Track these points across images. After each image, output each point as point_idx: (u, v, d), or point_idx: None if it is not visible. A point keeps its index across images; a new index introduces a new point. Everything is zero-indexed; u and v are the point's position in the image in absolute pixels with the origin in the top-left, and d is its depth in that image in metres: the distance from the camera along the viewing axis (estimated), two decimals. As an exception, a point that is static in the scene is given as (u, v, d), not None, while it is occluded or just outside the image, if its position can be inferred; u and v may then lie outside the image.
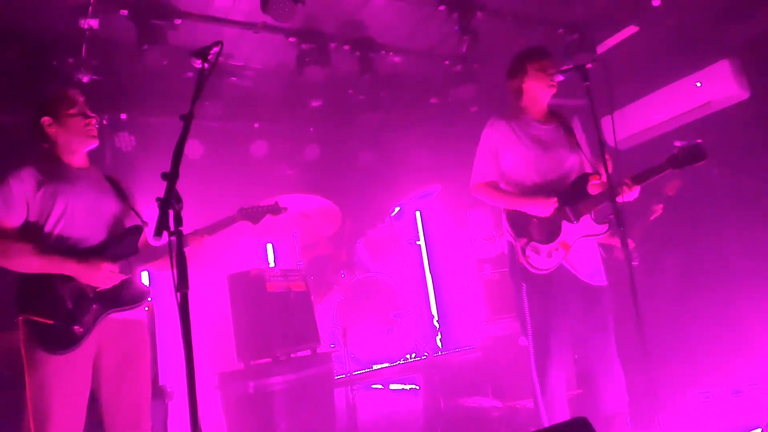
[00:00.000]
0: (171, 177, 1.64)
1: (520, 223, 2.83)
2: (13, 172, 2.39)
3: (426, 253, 6.73)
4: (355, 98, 5.34)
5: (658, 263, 4.74)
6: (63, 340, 2.28)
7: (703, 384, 3.76)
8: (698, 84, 4.76)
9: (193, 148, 5.15)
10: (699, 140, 2.69)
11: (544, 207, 2.76)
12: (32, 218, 2.38)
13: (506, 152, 2.90)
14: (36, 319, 2.28)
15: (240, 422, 3.49)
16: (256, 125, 5.55)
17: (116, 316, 2.44)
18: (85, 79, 4.11)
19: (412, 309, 4.95)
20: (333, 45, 4.41)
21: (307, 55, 4.29)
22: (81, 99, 2.59)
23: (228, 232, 2.76)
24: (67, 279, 2.34)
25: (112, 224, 2.53)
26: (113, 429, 2.41)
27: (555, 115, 3.04)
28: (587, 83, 2.62)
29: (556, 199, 2.76)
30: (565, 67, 2.78)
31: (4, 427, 3.01)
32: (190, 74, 4.40)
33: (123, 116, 4.79)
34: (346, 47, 4.50)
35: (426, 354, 4.79)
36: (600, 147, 2.57)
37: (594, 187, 2.81)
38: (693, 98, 4.76)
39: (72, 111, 2.54)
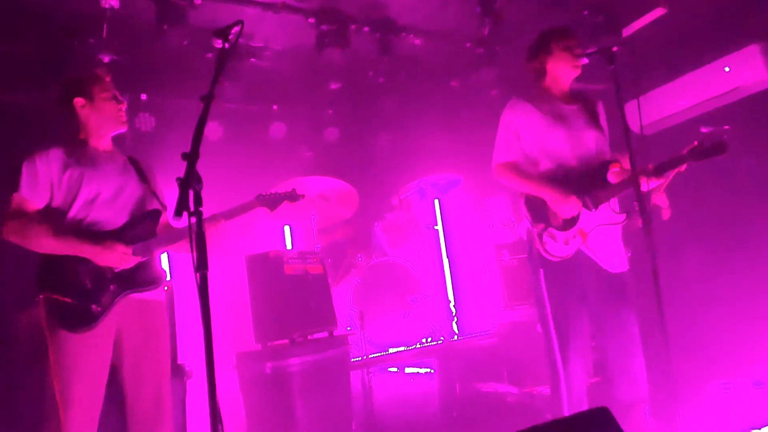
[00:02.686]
0: (191, 157, 1.64)
1: (537, 209, 2.79)
2: (40, 152, 2.42)
3: (444, 238, 6.70)
4: (374, 81, 5.30)
5: (681, 251, 4.66)
6: (81, 319, 2.32)
7: (724, 375, 3.71)
8: (727, 69, 4.63)
9: (212, 130, 5.16)
10: (727, 126, 2.62)
11: (565, 205, 2.70)
12: (57, 202, 2.42)
13: (528, 133, 2.84)
14: (55, 297, 2.32)
15: (257, 402, 3.53)
16: (275, 107, 5.54)
17: (135, 296, 2.47)
18: (106, 59, 4.12)
19: (429, 294, 4.94)
20: (353, 26, 4.37)
21: (326, 37, 4.26)
22: (109, 79, 2.61)
23: (245, 216, 2.76)
24: (86, 260, 2.37)
25: (134, 208, 2.56)
26: (135, 406, 2.46)
27: (578, 97, 2.97)
28: (613, 67, 2.55)
29: (576, 198, 2.71)
30: (590, 50, 2.71)
31: (28, 399, 3.08)
32: (210, 55, 4.39)
33: (143, 97, 4.81)
34: (366, 29, 4.45)
35: (442, 338, 4.79)
36: (625, 133, 2.51)
37: (614, 176, 2.75)
38: (721, 83, 4.64)
39: (105, 94, 2.55)
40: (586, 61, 2.74)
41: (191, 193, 1.61)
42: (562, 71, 2.87)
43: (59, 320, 2.31)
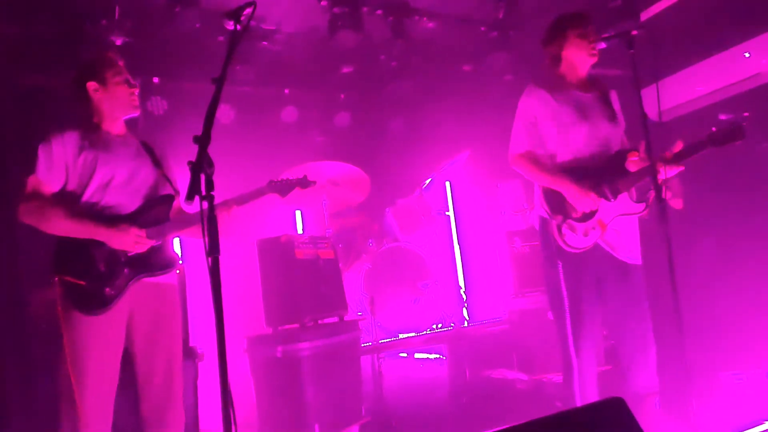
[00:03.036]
0: (203, 141, 1.63)
1: (556, 200, 2.75)
2: (56, 134, 2.43)
3: (455, 224, 6.67)
4: (386, 65, 5.26)
5: (694, 241, 4.61)
6: (95, 301, 2.34)
7: (736, 365, 3.68)
8: (747, 54, 4.53)
9: (224, 113, 5.14)
10: (746, 113, 2.56)
11: (583, 200, 2.66)
12: (71, 185, 2.43)
13: (545, 121, 2.80)
14: (69, 279, 2.34)
15: (267, 386, 3.55)
16: (287, 91, 5.51)
17: (148, 280, 2.49)
18: (118, 41, 4.11)
19: (439, 280, 4.93)
20: (365, 9, 4.32)
21: (339, 20, 4.22)
22: (121, 63, 2.60)
23: (257, 202, 2.76)
24: (101, 243, 2.38)
25: (147, 192, 2.57)
26: (146, 388, 2.48)
27: (594, 84, 2.92)
28: (632, 51, 2.49)
29: (595, 195, 2.67)
30: (608, 34, 2.65)
31: (43, 380, 3.12)
32: (222, 38, 4.37)
33: (155, 80, 4.80)
34: (379, 12, 4.40)
35: (452, 325, 4.79)
36: (642, 119, 2.46)
37: (632, 164, 2.71)
38: (741, 69, 4.54)
39: (117, 78, 2.55)
40: (604, 45, 2.68)
41: (203, 177, 1.61)
42: (579, 58, 2.82)
43: (73, 302, 2.33)
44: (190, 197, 1.59)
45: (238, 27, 1.86)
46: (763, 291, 4.21)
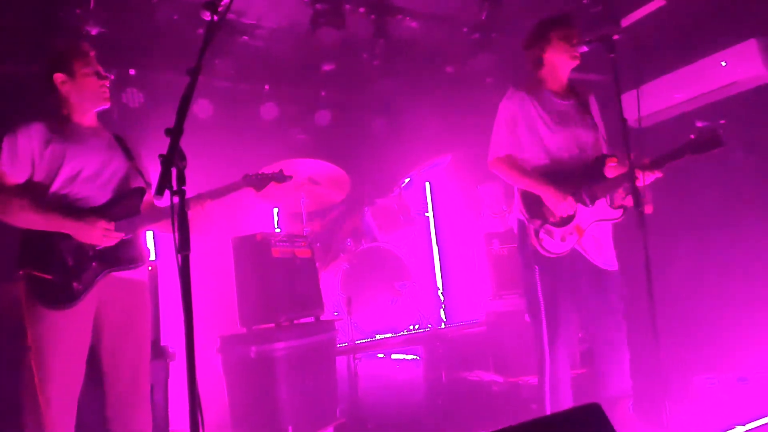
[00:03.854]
0: (175, 133, 1.57)
1: (534, 205, 2.75)
2: (22, 126, 2.37)
3: (434, 225, 6.67)
4: (368, 63, 5.22)
5: (672, 246, 4.66)
6: (62, 296, 2.28)
7: (709, 370, 3.72)
8: (723, 63, 4.60)
9: (202, 108, 5.06)
10: (722, 121, 2.59)
11: (560, 204, 2.67)
12: (38, 177, 2.37)
13: (524, 126, 2.80)
14: (36, 273, 2.28)
15: (240, 386, 3.49)
16: (267, 87, 5.44)
17: (117, 275, 2.43)
18: (93, 31, 4.00)
19: (417, 281, 4.92)
20: (348, 6, 4.28)
21: (321, 16, 4.18)
22: (92, 54, 2.54)
23: (233, 197, 2.71)
24: (68, 236, 2.33)
25: (118, 185, 2.52)
26: (113, 386, 2.43)
27: (573, 90, 2.92)
28: (613, 55, 2.50)
29: (572, 199, 2.67)
30: (589, 38, 2.65)
31: (6, 376, 3.02)
32: (201, 30, 4.29)
33: (131, 71, 4.70)
34: (362, 9, 4.37)
35: (430, 326, 4.78)
36: (622, 125, 2.47)
37: (611, 170, 2.73)
38: (718, 78, 4.60)
39: (86, 70, 2.49)
40: (585, 48, 2.69)
41: (174, 171, 1.55)
42: (560, 61, 2.82)
43: (39, 297, 2.27)
44: (159, 192, 1.53)
45: (215, 18, 1.81)
46: (737, 296, 4.28)
